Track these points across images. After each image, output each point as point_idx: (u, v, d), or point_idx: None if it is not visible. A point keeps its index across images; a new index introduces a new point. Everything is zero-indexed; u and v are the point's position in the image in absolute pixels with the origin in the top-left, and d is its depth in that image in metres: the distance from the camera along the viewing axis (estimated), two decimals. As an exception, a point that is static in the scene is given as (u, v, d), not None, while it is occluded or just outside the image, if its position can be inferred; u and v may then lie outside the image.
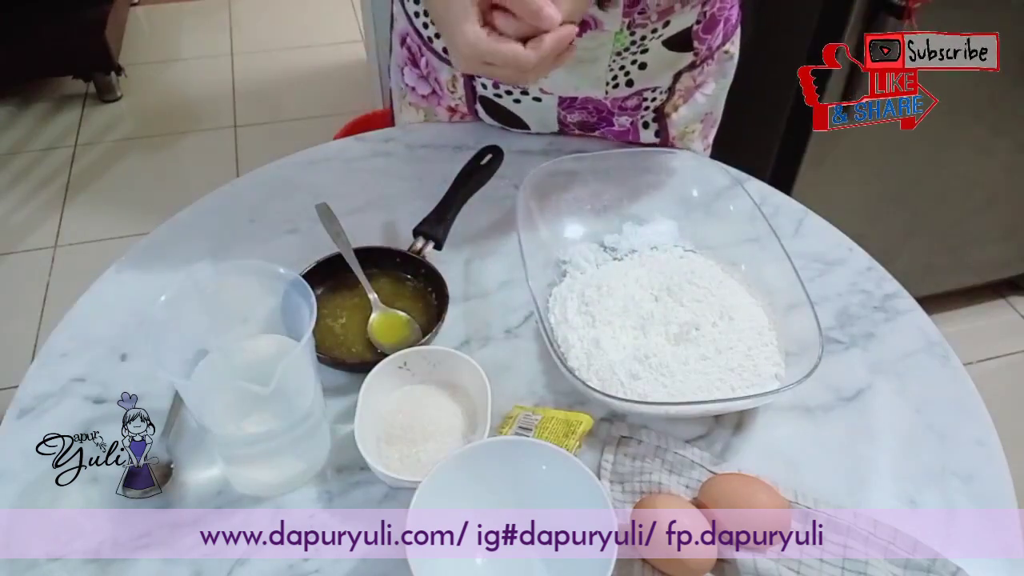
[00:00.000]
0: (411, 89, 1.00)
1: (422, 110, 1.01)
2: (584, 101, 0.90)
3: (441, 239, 0.81)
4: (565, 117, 0.93)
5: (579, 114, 0.92)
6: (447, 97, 0.96)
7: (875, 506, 0.64)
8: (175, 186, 2.27)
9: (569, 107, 0.91)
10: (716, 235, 0.82)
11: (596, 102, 0.90)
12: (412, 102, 1.01)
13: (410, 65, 0.98)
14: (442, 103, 0.98)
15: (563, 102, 0.91)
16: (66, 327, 0.76)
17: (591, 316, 0.74)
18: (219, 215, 0.88)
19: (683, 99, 0.92)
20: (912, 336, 0.77)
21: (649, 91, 0.89)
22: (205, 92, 2.66)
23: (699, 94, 0.93)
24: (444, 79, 0.94)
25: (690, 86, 0.91)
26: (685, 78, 0.90)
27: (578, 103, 0.90)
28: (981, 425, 0.70)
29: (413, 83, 0.99)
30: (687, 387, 0.68)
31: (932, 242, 1.71)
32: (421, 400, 0.68)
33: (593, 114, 0.92)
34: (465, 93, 0.94)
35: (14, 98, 2.58)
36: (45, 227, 2.17)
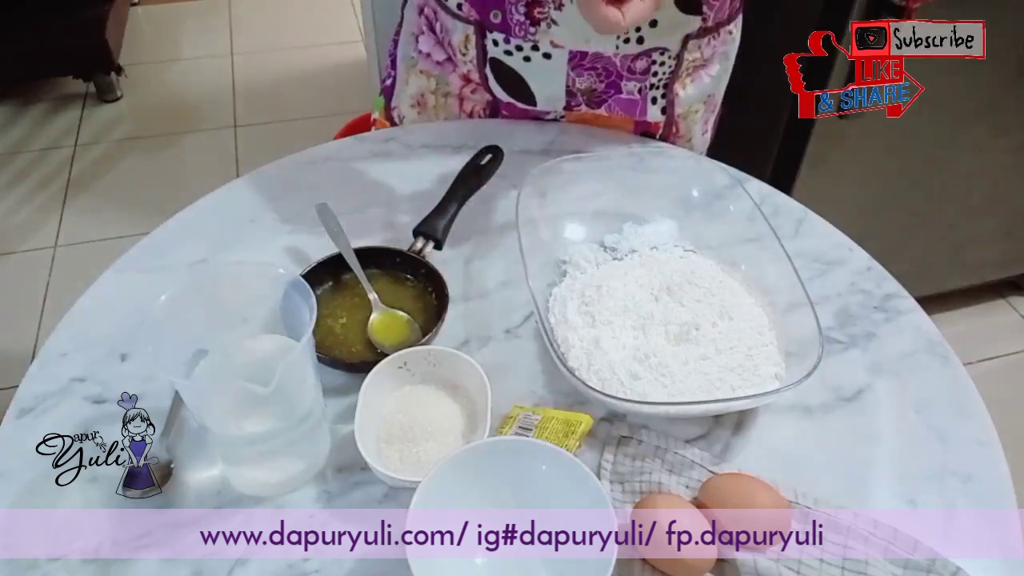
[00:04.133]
0: (426, 56, 1.00)
1: (433, 77, 1.01)
2: (594, 59, 0.90)
3: (441, 239, 0.81)
4: (574, 81, 0.93)
5: (588, 77, 0.92)
6: (460, 63, 0.97)
7: (875, 506, 0.64)
8: (175, 186, 2.27)
9: (578, 66, 0.91)
10: (716, 235, 0.82)
11: (606, 60, 0.90)
12: (424, 69, 1.01)
13: (427, 31, 0.99)
14: (456, 70, 0.99)
15: (572, 59, 0.91)
16: (66, 327, 0.76)
17: (591, 316, 0.74)
18: (219, 215, 0.88)
19: (690, 77, 0.95)
20: (912, 336, 0.77)
21: (658, 53, 0.91)
22: (205, 92, 2.66)
23: (704, 74, 0.96)
24: (457, 40, 0.95)
25: (698, 62, 0.94)
26: (692, 47, 0.92)
27: (588, 61, 0.91)
28: (981, 425, 0.70)
29: (428, 49, 1.00)
30: (687, 387, 0.68)
31: (932, 242, 1.71)
32: (421, 400, 0.68)
33: (602, 77, 0.92)
34: (476, 54, 0.94)
35: (14, 98, 2.58)
36: (45, 227, 2.17)
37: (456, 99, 1.02)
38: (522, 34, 0.89)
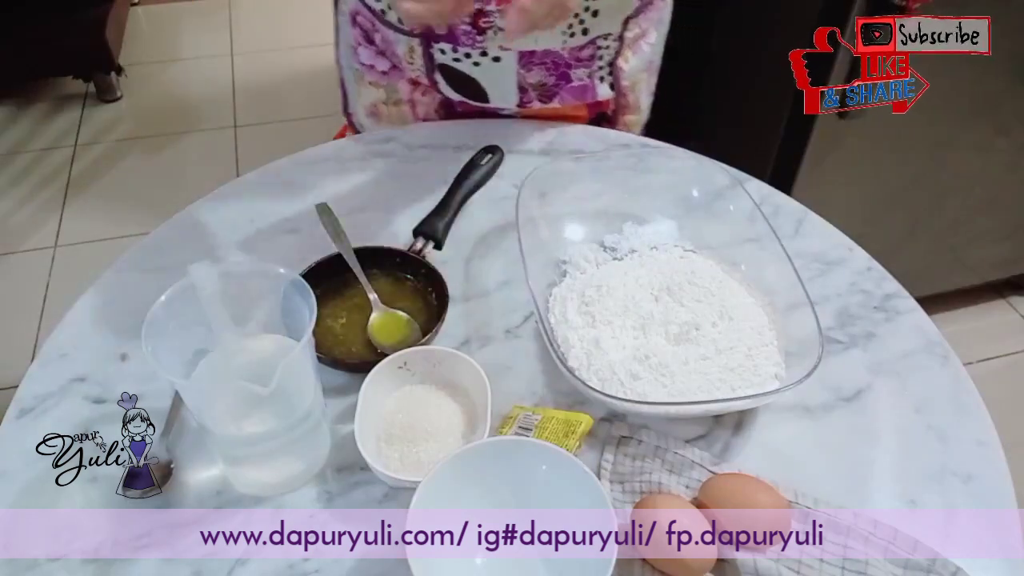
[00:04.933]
0: (369, 68, 1.00)
1: (382, 88, 1.01)
2: (543, 55, 0.91)
3: (441, 239, 0.81)
4: (524, 78, 0.94)
5: (538, 72, 0.93)
6: (407, 69, 0.97)
7: (875, 506, 0.64)
8: (175, 186, 2.27)
9: (528, 64, 0.92)
10: (716, 235, 0.82)
11: (554, 55, 0.92)
12: (371, 81, 1.01)
13: (364, 44, 0.98)
14: (403, 76, 0.98)
15: (522, 59, 0.91)
16: (66, 327, 0.76)
17: (591, 316, 0.74)
18: (219, 215, 0.88)
19: (631, 49, 0.97)
20: (912, 336, 0.77)
21: (602, 39, 0.93)
22: (205, 92, 2.66)
23: (644, 43, 0.98)
24: (401, 51, 0.94)
25: (637, 34, 0.96)
26: (632, 25, 0.94)
27: (537, 58, 0.92)
28: (981, 425, 0.70)
29: (371, 61, 0.99)
30: (687, 387, 0.68)
31: (932, 242, 1.71)
32: (421, 400, 0.68)
33: (552, 71, 0.93)
34: (423, 63, 0.94)
35: (14, 98, 2.58)
36: (45, 227, 2.17)
37: (408, 105, 1.02)
38: (470, 43, 0.89)
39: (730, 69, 1.67)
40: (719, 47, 1.69)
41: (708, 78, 1.74)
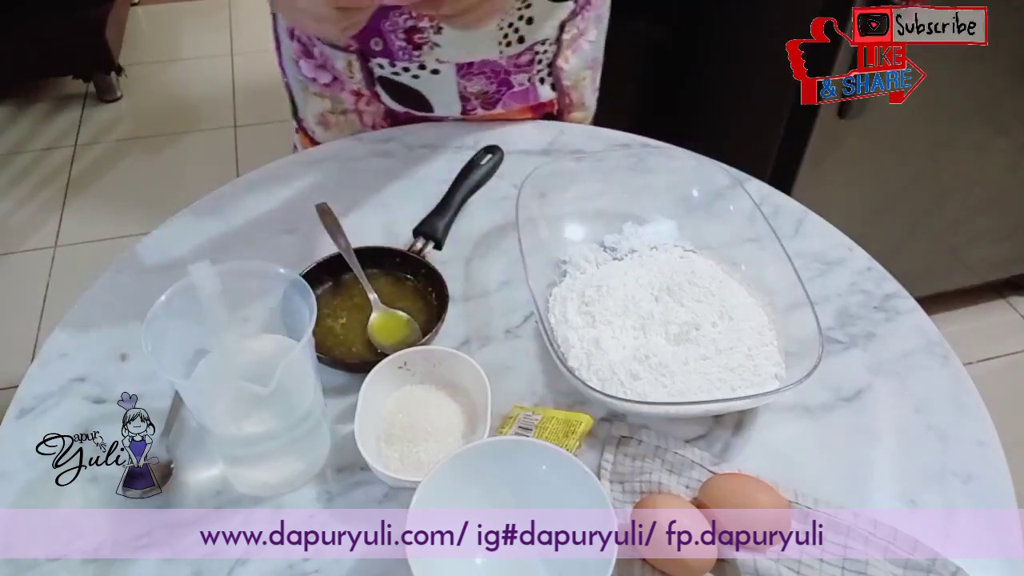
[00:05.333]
0: (312, 80, 1.00)
1: (327, 99, 1.01)
2: (481, 65, 0.92)
3: (441, 239, 0.81)
4: (465, 88, 0.94)
5: (479, 82, 0.94)
6: (347, 82, 0.97)
7: (875, 506, 0.64)
8: (175, 186, 2.27)
9: (467, 74, 0.93)
10: (716, 235, 0.82)
11: (492, 64, 0.92)
12: (315, 92, 1.01)
13: (304, 57, 0.98)
14: (345, 88, 0.98)
15: (461, 70, 0.92)
16: (66, 327, 0.76)
17: (591, 316, 0.74)
18: (219, 215, 0.88)
19: (571, 49, 0.97)
20: (912, 336, 0.77)
21: (539, 44, 0.93)
22: (205, 92, 2.66)
23: (584, 41, 0.98)
24: (341, 66, 0.95)
25: (575, 35, 0.96)
26: (569, 27, 0.94)
27: (475, 68, 0.92)
28: (981, 425, 0.70)
29: (312, 74, 0.99)
30: (687, 387, 0.68)
31: (932, 242, 1.71)
32: (421, 400, 0.68)
33: (492, 79, 0.94)
34: (363, 76, 0.94)
35: (14, 98, 2.58)
36: (45, 227, 2.17)
37: (355, 114, 1.02)
38: (406, 58, 0.90)
39: (730, 69, 1.67)
40: (719, 46, 1.69)
41: (708, 78, 1.74)
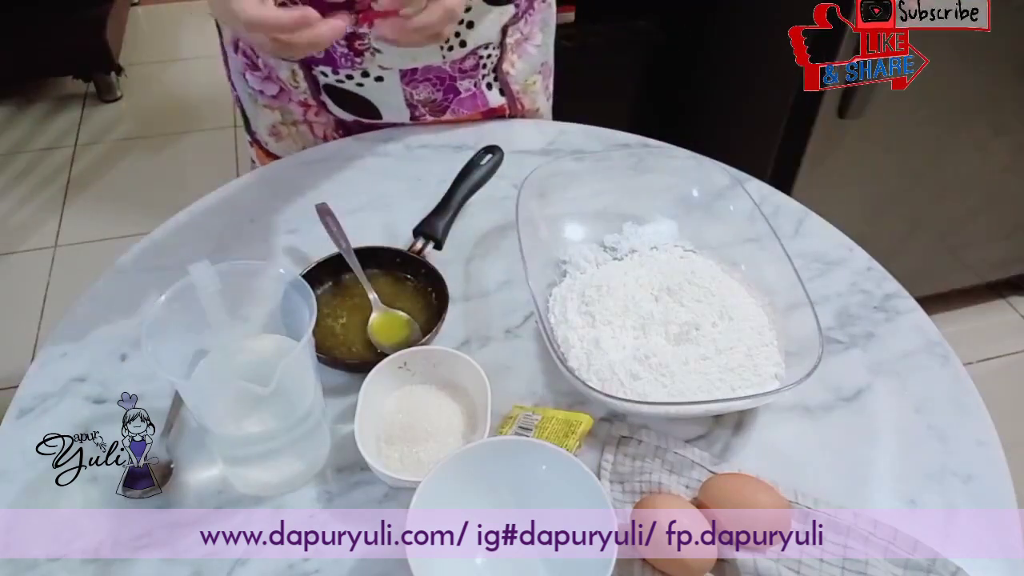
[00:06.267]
0: (259, 92, 0.99)
1: (276, 110, 1.00)
2: (425, 72, 0.92)
3: (441, 239, 0.81)
4: (411, 95, 0.94)
5: (424, 89, 0.94)
6: (293, 92, 0.96)
7: (875, 506, 0.64)
8: (175, 186, 2.27)
9: (412, 81, 0.93)
10: (716, 235, 0.82)
11: (437, 70, 0.92)
12: (264, 104, 1.01)
13: (250, 69, 0.98)
14: (292, 99, 0.98)
15: (405, 76, 0.92)
16: (66, 327, 0.76)
17: (591, 316, 0.74)
18: (219, 215, 0.88)
19: (516, 54, 0.97)
20: (912, 336, 0.77)
21: (483, 48, 0.93)
22: (205, 92, 2.66)
23: (529, 46, 0.98)
24: (285, 76, 0.94)
25: (519, 39, 0.96)
26: (512, 31, 0.94)
27: (420, 75, 0.92)
28: (981, 425, 0.70)
29: (259, 86, 0.99)
30: (687, 387, 0.68)
31: (932, 242, 1.71)
32: (421, 400, 0.68)
33: (438, 87, 0.94)
34: (308, 85, 0.94)
35: (14, 98, 2.58)
36: (45, 227, 2.17)
37: (305, 125, 1.01)
38: (348, 64, 0.89)
39: (730, 69, 1.67)
40: (719, 46, 1.69)
41: (708, 78, 1.74)
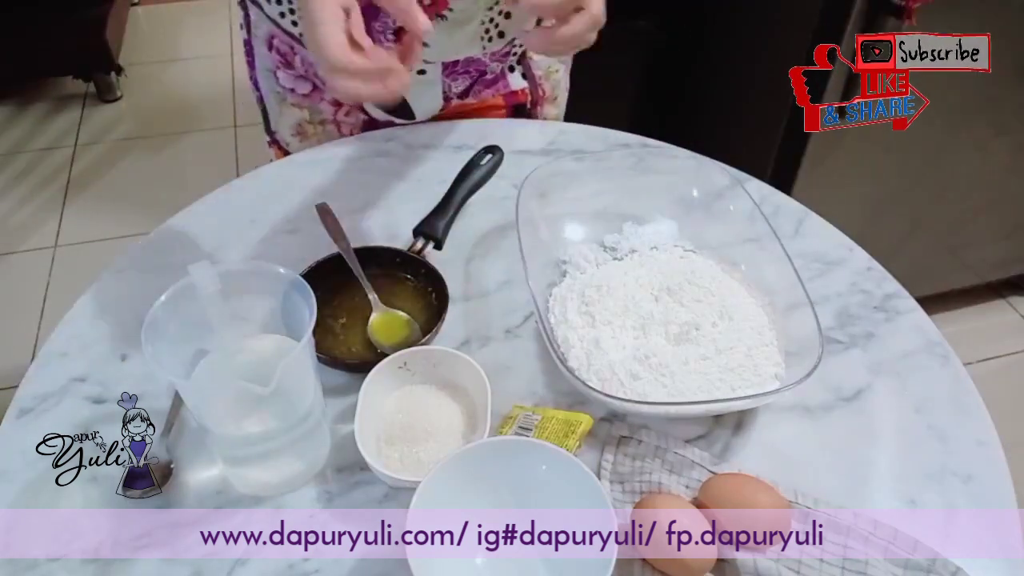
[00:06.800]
0: (290, 91, 0.99)
1: (305, 108, 1.00)
2: (466, 63, 0.92)
3: (441, 239, 0.81)
4: (450, 87, 0.95)
5: (463, 80, 0.95)
6: (328, 90, 0.96)
7: (875, 506, 0.64)
8: (175, 186, 2.27)
9: (452, 73, 0.93)
10: (716, 235, 0.82)
11: (476, 62, 0.93)
12: (293, 103, 1.00)
13: (283, 67, 0.97)
14: (325, 98, 0.98)
15: (446, 69, 0.92)
16: (66, 327, 0.76)
17: (591, 316, 0.74)
18: (219, 215, 0.88)
19: None
20: (912, 336, 0.77)
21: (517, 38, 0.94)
22: (205, 92, 2.66)
23: None
24: None
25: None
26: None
27: (460, 67, 0.93)
28: (981, 425, 0.70)
29: (291, 84, 0.98)
30: (687, 387, 0.68)
31: (932, 242, 1.71)
32: (421, 400, 0.68)
33: (474, 75, 0.95)
34: None
35: (14, 98, 2.58)
36: (45, 227, 2.17)
37: (333, 124, 1.02)
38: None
39: (730, 69, 1.67)
40: (719, 46, 1.69)
41: (708, 78, 1.74)
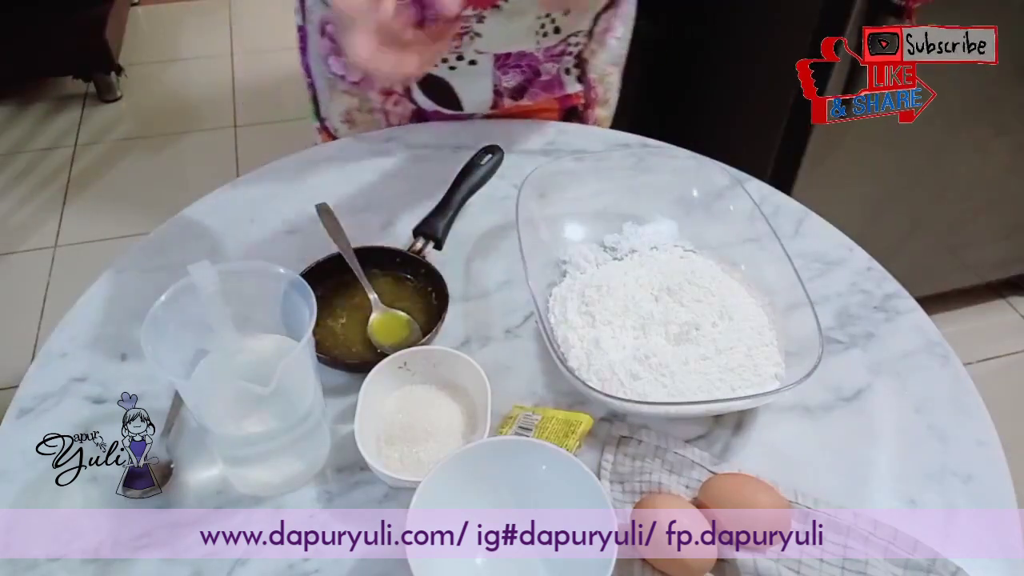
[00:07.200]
0: (340, 78, 0.99)
1: (355, 96, 1.00)
2: (518, 57, 0.92)
3: (441, 239, 0.81)
4: (501, 82, 0.94)
5: (514, 75, 0.94)
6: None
7: (875, 506, 0.64)
8: (175, 186, 2.27)
9: (503, 66, 0.93)
10: (716, 235, 0.82)
11: (529, 57, 0.92)
12: (344, 90, 1.00)
13: (334, 55, 0.97)
14: (375, 86, 0.98)
15: (498, 61, 0.92)
16: (66, 327, 0.76)
17: (591, 316, 0.74)
18: (219, 215, 0.88)
19: (599, 43, 0.98)
20: (912, 336, 0.77)
21: (573, 36, 0.93)
22: (205, 92, 2.66)
23: (611, 38, 0.99)
24: None
25: (604, 28, 0.97)
26: (601, 20, 0.95)
27: (512, 61, 0.92)
28: (981, 425, 0.70)
29: (342, 72, 0.98)
30: (687, 387, 0.68)
31: (932, 242, 1.71)
32: (421, 400, 0.68)
33: (527, 71, 0.94)
34: None
35: (14, 98, 2.58)
36: (45, 227, 2.17)
37: (381, 113, 1.02)
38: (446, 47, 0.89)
39: (730, 69, 1.67)
40: (719, 46, 1.69)
41: (708, 78, 1.74)
